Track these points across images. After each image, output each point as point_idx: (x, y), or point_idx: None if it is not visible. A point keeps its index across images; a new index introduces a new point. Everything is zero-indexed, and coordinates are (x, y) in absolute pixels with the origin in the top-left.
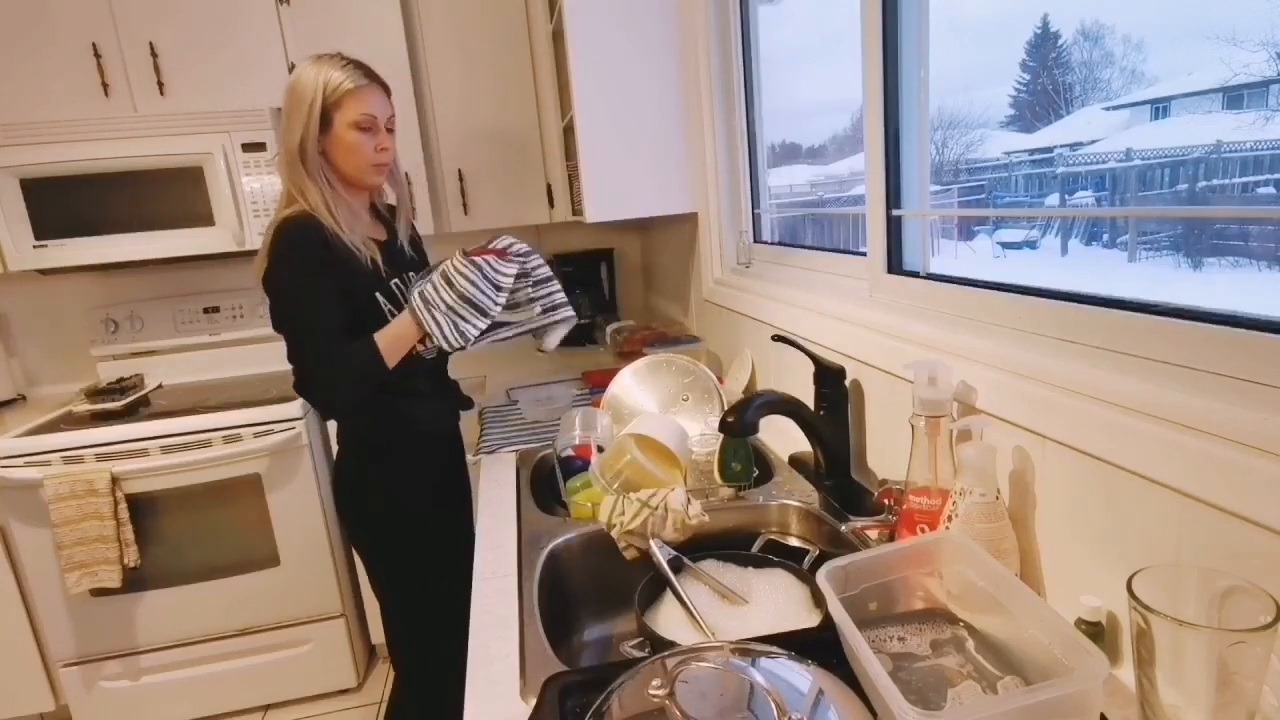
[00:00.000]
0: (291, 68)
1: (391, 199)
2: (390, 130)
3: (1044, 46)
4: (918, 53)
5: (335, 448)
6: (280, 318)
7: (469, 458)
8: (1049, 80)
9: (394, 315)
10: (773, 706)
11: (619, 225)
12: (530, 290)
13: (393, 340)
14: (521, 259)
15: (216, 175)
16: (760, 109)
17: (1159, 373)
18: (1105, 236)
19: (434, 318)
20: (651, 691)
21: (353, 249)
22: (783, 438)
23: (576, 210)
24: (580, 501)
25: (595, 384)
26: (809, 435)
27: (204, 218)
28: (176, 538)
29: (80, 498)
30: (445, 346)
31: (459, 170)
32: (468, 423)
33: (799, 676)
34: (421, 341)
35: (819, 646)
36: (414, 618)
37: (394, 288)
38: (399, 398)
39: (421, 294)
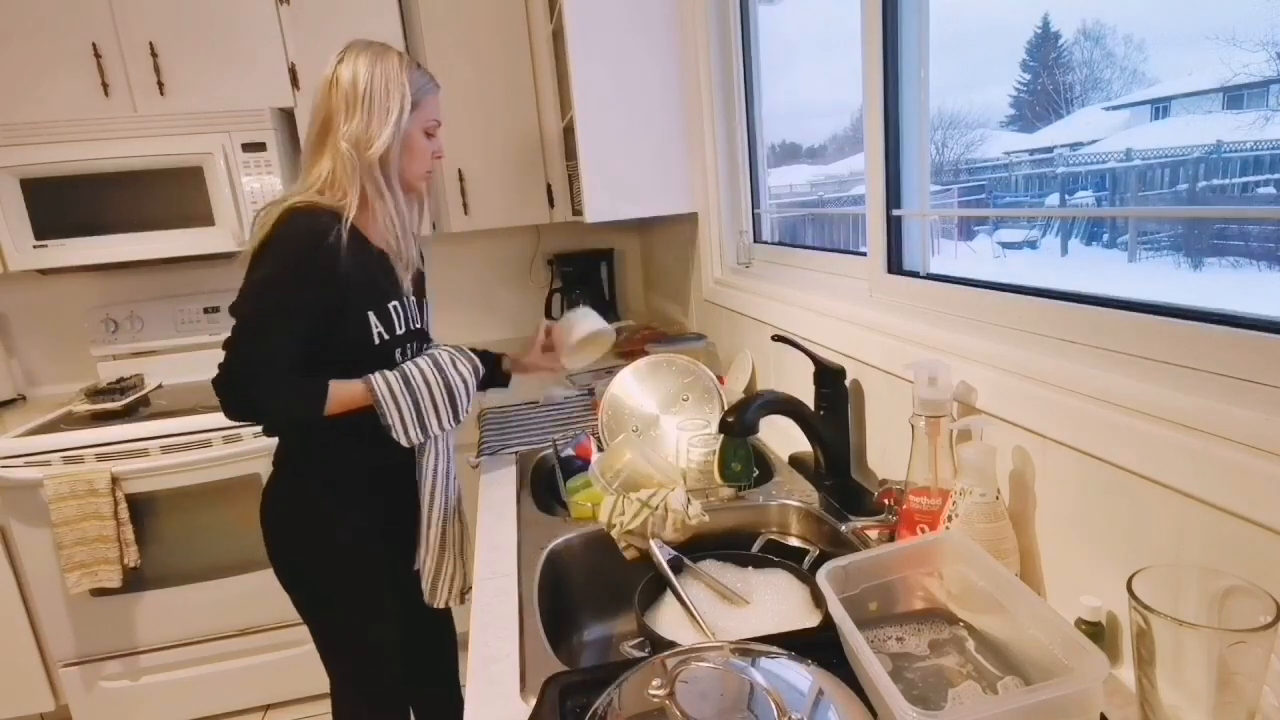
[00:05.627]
0: (292, 68)
1: None
2: None
3: (1044, 46)
4: (918, 53)
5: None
6: (248, 305)
7: (469, 460)
8: (1049, 80)
9: (382, 339)
10: (773, 706)
11: (619, 225)
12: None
13: (344, 402)
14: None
15: (216, 175)
16: (760, 109)
17: (1159, 373)
18: (1105, 236)
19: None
20: (651, 691)
21: (367, 260)
22: (783, 438)
23: (576, 210)
24: (580, 501)
25: None
26: (809, 435)
27: (204, 218)
28: (176, 538)
29: (80, 498)
30: (404, 441)
31: (459, 170)
32: (468, 424)
33: (799, 676)
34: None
35: (819, 646)
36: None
37: (391, 310)
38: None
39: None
